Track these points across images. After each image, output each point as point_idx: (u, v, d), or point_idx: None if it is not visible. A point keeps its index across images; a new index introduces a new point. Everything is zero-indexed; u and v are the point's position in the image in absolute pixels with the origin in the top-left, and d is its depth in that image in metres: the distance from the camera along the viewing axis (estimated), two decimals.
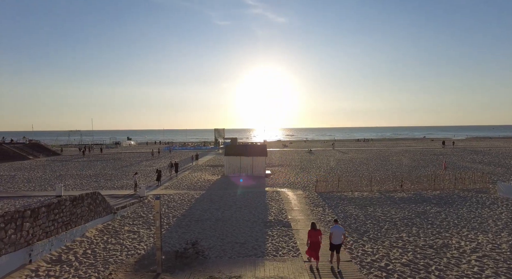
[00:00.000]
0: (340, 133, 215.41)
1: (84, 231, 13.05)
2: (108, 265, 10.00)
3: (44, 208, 10.95)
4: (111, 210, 15.75)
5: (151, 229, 13.91)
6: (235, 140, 68.82)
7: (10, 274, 8.93)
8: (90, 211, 13.79)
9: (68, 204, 12.33)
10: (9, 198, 20.91)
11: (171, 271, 9.58)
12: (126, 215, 16.45)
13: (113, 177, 29.63)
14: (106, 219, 15.00)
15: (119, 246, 11.86)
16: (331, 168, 35.07)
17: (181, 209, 17.53)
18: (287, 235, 13.06)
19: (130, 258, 10.63)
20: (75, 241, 12.10)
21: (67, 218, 12.17)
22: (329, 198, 20.21)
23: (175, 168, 31.00)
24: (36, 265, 9.72)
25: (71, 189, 23.82)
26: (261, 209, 17.44)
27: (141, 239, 12.60)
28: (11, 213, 9.46)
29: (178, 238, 12.71)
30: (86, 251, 11.29)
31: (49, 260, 10.26)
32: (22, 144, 56.65)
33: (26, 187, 25.07)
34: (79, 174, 32.33)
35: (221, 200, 19.73)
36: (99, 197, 14.82)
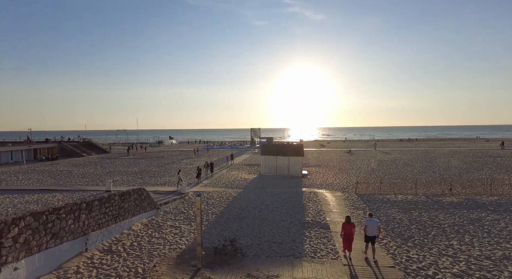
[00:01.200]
0: (381, 133, 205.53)
1: (131, 224, 13.94)
2: (152, 258, 10.58)
3: (97, 202, 11.90)
4: (155, 205, 16.63)
5: (191, 225, 14.46)
6: (271, 139, 69.08)
7: (70, 259, 9.85)
8: (136, 206, 14.70)
9: (117, 198, 13.26)
10: (68, 191, 23.06)
11: (211, 267, 9.87)
12: (168, 210, 17.28)
13: (156, 174, 31.28)
14: (150, 214, 15.88)
15: (162, 240, 12.48)
16: (372, 169, 33.62)
17: (219, 207, 17.98)
18: (325, 237, 12.78)
19: (172, 252, 11.14)
20: (123, 233, 12.96)
21: (116, 212, 13.10)
22: (370, 200, 19.39)
23: (211, 167, 31.29)
24: (91, 253, 10.61)
25: (118, 185, 25.58)
26: (298, 209, 17.26)
27: (182, 234, 13.15)
28: (70, 205, 10.41)
29: (217, 235, 13.05)
30: (132, 243, 12.05)
31: (101, 249, 11.12)
32: (77, 142, 62.07)
33: (81, 181, 27.44)
34: (126, 170, 34.59)
35: (258, 199, 19.88)
36: (144, 192, 15.73)
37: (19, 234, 8.29)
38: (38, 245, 8.90)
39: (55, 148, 54.10)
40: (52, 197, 20.87)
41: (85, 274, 9.15)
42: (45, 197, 20.89)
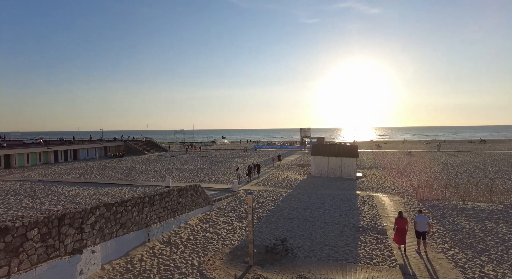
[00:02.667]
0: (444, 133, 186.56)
1: (187, 219, 14.80)
2: (207, 252, 11.09)
3: (158, 196, 12.87)
4: (209, 201, 17.40)
5: (243, 222, 14.81)
6: (322, 139, 67.39)
7: (135, 248, 10.83)
8: (192, 201, 15.55)
9: (175, 194, 14.18)
10: (132, 185, 25.36)
11: (262, 264, 9.99)
12: (221, 207, 17.94)
13: (210, 172, 32.71)
14: (205, 210, 16.66)
15: (216, 235, 13.00)
16: (435, 173, 30.73)
17: (270, 206, 18.10)
18: (382, 243, 12.04)
19: (225, 248, 11.53)
20: (180, 227, 13.81)
21: (175, 206, 14.01)
22: (433, 206, 17.74)
23: (257, 168, 29.45)
24: (152, 243, 11.52)
25: (176, 181, 27.33)
26: (352, 212, 16.54)
27: (235, 231, 13.54)
28: (135, 198, 11.44)
29: (268, 234, 13.16)
30: (189, 236, 12.77)
31: (161, 240, 12.00)
32: (140, 141, 67.90)
33: (143, 177, 29.96)
34: (183, 168, 36.81)
35: (308, 200, 19.55)
36: (200, 189, 16.56)
37: (95, 222, 9.36)
38: (110, 233, 9.95)
39: (122, 146, 59.90)
40: (119, 190, 23.14)
41: (148, 263, 9.96)
42: (114, 190, 23.26)
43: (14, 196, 21.33)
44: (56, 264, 7.84)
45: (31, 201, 19.67)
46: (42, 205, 18.73)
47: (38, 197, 20.98)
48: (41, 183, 26.78)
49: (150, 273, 9.21)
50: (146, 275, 9.04)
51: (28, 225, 7.41)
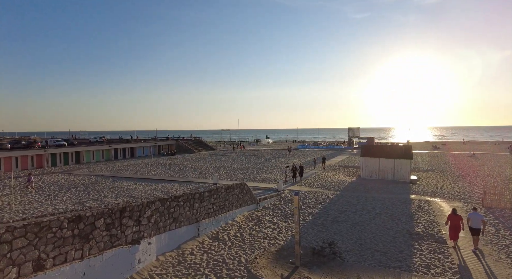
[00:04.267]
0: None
1: (234, 216, 15.16)
2: (253, 250, 11.25)
3: (207, 193, 13.39)
4: (255, 200, 17.63)
5: (288, 222, 14.73)
6: (372, 139, 64.09)
7: (186, 242, 11.41)
8: (239, 199, 15.90)
9: (223, 191, 14.63)
10: (183, 182, 26.75)
11: (309, 266, 9.83)
12: (266, 206, 18.06)
13: (255, 171, 33.13)
14: (251, 208, 16.92)
15: (262, 234, 13.12)
16: (506, 178, 27.33)
17: (316, 207, 17.74)
18: (441, 252, 11.06)
19: (272, 247, 11.58)
20: (228, 224, 14.20)
21: (222, 203, 14.45)
22: (505, 216, 15.80)
23: (300, 170, 28.09)
24: (202, 238, 12.02)
25: (223, 179, 28.17)
26: (406, 218, 15.46)
27: (280, 231, 13.53)
28: (187, 194, 12.05)
29: (314, 236, 12.92)
30: (236, 233, 13.07)
31: (210, 236, 12.47)
32: (190, 140, 71.35)
33: (193, 174, 31.42)
34: (229, 166, 37.82)
35: (357, 203, 18.74)
36: (246, 187, 16.86)
37: (151, 215, 10.07)
38: (164, 226, 10.61)
39: (174, 145, 63.55)
40: (171, 186, 24.57)
41: (198, 257, 10.42)
42: (166, 186, 24.77)
43: (83, 188, 23.89)
44: (118, 252, 8.60)
45: (96, 194, 21.85)
46: (105, 197, 20.68)
47: (102, 190, 23.22)
48: (104, 177, 29.59)
49: (200, 266, 9.62)
50: (196, 269, 9.47)
51: (96, 215, 8.23)
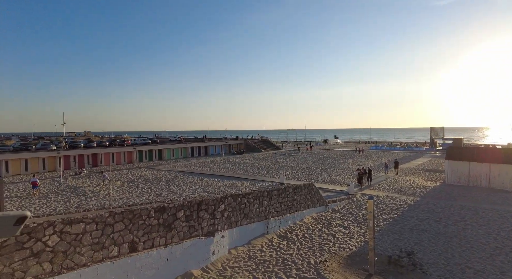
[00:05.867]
0: None
1: (302, 216, 15.01)
2: (323, 252, 10.95)
3: (275, 192, 13.56)
4: (324, 202, 17.16)
5: (361, 227, 13.93)
6: (459, 140, 56.43)
7: (256, 238, 11.75)
8: (306, 200, 15.68)
9: (291, 191, 14.61)
10: (251, 180, 27.61)
11: (384, 275, 9.14)
12: (336, 209, 17.40)
13: (323, 172, 32.25)
14: (319, 210, 16.53)
15: (332, 237, 12.69)
16: None
17: (392, 213, 16.39)
18: None
19: (342, 251, 11.11)
20: (296, 224, 14.13)
21: (290, 203, 14.45)
22: None
23: (369, 174, 25.45)
24: (271, 236, 12.22)
25: (290, 178, 28.14)
26: (507, 234, 13.15)
27: (352, 235, 12.88)
28: (256, 192, 12.39)
29: (390, 243, 11.96)
30: (304, 234, 12.92)
31: (279, 234, 12.59)
32: (257, 139, 73.23)
33: (260, 173, 32.17)
34: (295, 166, 37.61)
35: (442, 211, 16.68)
36: (314, 188, 16.54)
37: (224, 210, 10.64)
38: (235, 221, 11.11)
39: (242, 144, 66.09)
40: (241, 183, 25.59)
41: (267, 254, 10.62)
42: (236, 183, 25.89)
43: (164, 182, 26.61)
44: (195, 242, 9.32)
45: (176, 188, 24.08)
46: (183, 191, 22.64)
47: (181, 184, 25.49)
48: (182, 173, 32.42)
49: (270, 263, 9.79)
50: (266, 265, 9.66)
51: (177, 207, 9.07)
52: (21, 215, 0.62)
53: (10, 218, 0.62)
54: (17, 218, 0.64)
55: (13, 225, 0.63)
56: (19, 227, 0.60)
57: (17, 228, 0.60)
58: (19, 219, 0.64)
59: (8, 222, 0.62)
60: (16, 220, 0.64)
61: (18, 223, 0.64)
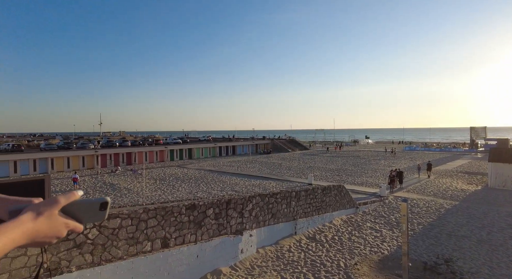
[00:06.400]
0: None
1: (331, 218, 14.71)
2: (353, 255, 10.66)
3: (303, 192, 13.40)
4: (354, 204, 16.69)
5: (393, 231, 13.38)
6: (505, 141, 52.35)
7: (284, 238, 11.69)
8: (336, 202, 15.34)
9: (319, 192, 14.37)
10: (278, 180, 27.53)
11: None
12: (367, 211, 16.85)
13: (353, 173, 31.38)
14: (349, 212, 16.10)
15: (362, 240, 12.31)
16: None
17: (427, 217, 15.57)
18: None
19: (374, 255, 10.74)
20: (325, 225, 13.87)
21: (319, 204, 14.21)
22: None
23: (399, 177, 24.11)
24: (299, 237, 12.10)
25: (318, 179, 27.68)
26: None
27: (384, 239, 12.41)
28: (284, 192, 12.33)
29: (425, 249, 11.37)
30: (334, 236, 12.65)
31: (307, 235, 12.43)
32: (285, 139, 72.85)
33: (288, 173, 31.97)
34: (324, 167, 36.93)
35: (485, 217, 15.56)
36: (344, 190, 16.14)
37: (252, 209, 10.71)
38: (263, 221, 11.13)
39: (269, 143, 66.08)
40: (268, 183, 25.59)
41: (296, 254, 10.53)
42: (263, 182, 25.94)
43: (194, 181, 27.31)
44: (224, 240, 9.47)
45: (205, 186, 24.62)
46: (212, 189, 23.08)
47: (209, 183, 26.02)
48: (211, 172, 33.08)
49: (298, 264, 9.70)
50: (294, 266, 9.58)
51: (207, 205, 9.27)
52: (103, 200, 0.67)
53: (95, 204, 0.67)
54: (100, 203, 0.69)
55: (99, 210, 0.69)
56: (105, 212, 0.65)
57: (103, 213, 0.64)
58: (102, 204, 0.69)
59: (95, 207, 0.67)
60: (100, 205, 0.69)
61: (102, 208, 0.69)
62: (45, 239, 0.60)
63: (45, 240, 0.60)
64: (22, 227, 0.55)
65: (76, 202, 0.66)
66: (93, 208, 0.69)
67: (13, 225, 0.53)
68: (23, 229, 0.55)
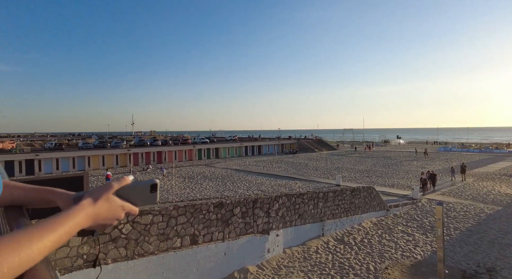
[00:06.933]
0: None
1: (360, 220, 14.28)
2: (383, 259, 10.28)
3: (331, 193, 13.13)
4: (384, 206, 16.09)
5: (427, 235, 12.73)
6: None
7: (311, 240, 11.54)
8: (365, 204, 14.88)
9: (348, 193, 14.01)
10: (305, 180, 27.20)
11: None
12: (398, 214, 16.18)
13: (383, 174, 30.26)
14: (379, 214, 15.55)
15: (393, 243, 11.83)
16: None
17: (465, 222, 14.64)
18: None
19: (406, 260, 10.28)
20: (353, 228, 13.50)
21: (347, 206, 13.85)
22: None
23: (432, 180, 22.64)
24: (326, 238, 11.88)
25: (347, 180, 26.99)
26: None
27: (417, 243, 11.84)
28: (311, 193, 12.17)
29: (463, 256, 10.70)
30: (363, 239, 12.27)
31: (335, 237, 12.17)
32: (311, 139, 71.86)
33: (314, 173, 31.49)
34: (352, 168, 35.95)
35: None
36: (374, 191, 15.61)
37: (279, 209, 10.67)
38: (290, 221, 11.05)
39: (295, 143, 65.51)
40: (294, 183, 25.36)
41: (323, 256, 10.34)
42: (290, 183, 25.75)
43: (221, 179, 27.73)
44: (251, 239, 9.51)
45: (231, 185, 24.91)
46: (238, 188, 23.30)
47: (236, 182, 26.29)
48: (237, 171, 33.41)
49: (326, 266, 9.52)
50: (322, 268, 9.42)
51: (234, 203, 9.37)
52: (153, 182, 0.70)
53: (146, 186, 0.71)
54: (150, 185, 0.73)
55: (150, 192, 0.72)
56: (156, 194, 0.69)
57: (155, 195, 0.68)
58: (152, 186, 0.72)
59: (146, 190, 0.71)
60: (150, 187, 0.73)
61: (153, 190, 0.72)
62: (106, 221, 0.65)
63: (106, 222, 0.65)
64: (84, 211, 0.59)
65: (128, 186, 0.70)
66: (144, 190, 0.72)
67: (76, 209, 0.58)
68: (85, 213, 0.59)
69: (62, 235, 0.53)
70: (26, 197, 0.80)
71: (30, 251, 0.47)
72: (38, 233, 0.50)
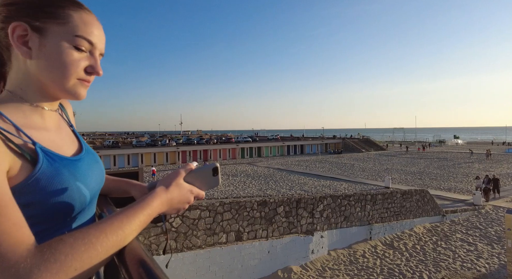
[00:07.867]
0: None
1: (412, 225, 13.36)
2: (439, 268, 9.50)
3: (380, 196, 12.48)
4: (439, 211, 14.86)
5: (493, 246, 11.46)
6: None
7: (357, 243, 11.10)
8: (418, 208, 13.88)
9: (398, 196, 13.19)
10: (351, 181, 26.21)
11: None
12: (456, 221, 14.82)
13: (438, 177, 27.93)
14: (434, 219, 14.40)
15: (451, 252, 10.87)
16: None
17: None
18: None
19: (467, 271, 9.38)
20: (404, 233, 12.68)
21: (398, 209, 13.05)
22: None
23: (495, 184, 19.82)
24: (374, 242, 11.33)
25: (397, 183, 25.41)
26: None
27: (480, 254, 10.73)
28: (358, 195, 11.70)
29: None
30: (415, 245, 11.48)
31: (383, 242, 11.56)
32: (358, 139, 68.95)
33: (361, 174, 30.17)
34: (403, 169, 33.72)
35: None
36: (427, 195, 14.51)
37: (323, 210, 10.44)
38: (335, 223, 10.75)
39: (340, 143, 63.41)
40: (339, 184, 24.58)
41: (370, 261, 9.89)
42: (334, 184, 25.01)
43: (263, 178, 27.96)
44: (294, 238, 9.45)
45: (274, 184, 24.96)
46: (281, 188, 23.27)
47: (278, 181, 26.29)
48: (279, 170, 33.38)
49: (373, 271, 9.10)
50: (369, 273, 9.01)
51: (277, 202, 9.39)
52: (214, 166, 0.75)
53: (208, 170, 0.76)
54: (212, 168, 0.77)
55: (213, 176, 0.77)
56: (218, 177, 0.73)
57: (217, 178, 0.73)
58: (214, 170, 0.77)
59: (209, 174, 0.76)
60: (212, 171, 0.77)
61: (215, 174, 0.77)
62: (179, 205, 0.70)
63: (179, 205, 0.70)
64: (159, 197, 0.65)
65: (193, 171, 0.74)
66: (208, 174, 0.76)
67: (153, 196, 0.64)
68: (161, 199, 0.65)
69: (146, 219, 0.60)
70: (110, 187, 0.91)
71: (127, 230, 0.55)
72: (127, 218, 0.57)
